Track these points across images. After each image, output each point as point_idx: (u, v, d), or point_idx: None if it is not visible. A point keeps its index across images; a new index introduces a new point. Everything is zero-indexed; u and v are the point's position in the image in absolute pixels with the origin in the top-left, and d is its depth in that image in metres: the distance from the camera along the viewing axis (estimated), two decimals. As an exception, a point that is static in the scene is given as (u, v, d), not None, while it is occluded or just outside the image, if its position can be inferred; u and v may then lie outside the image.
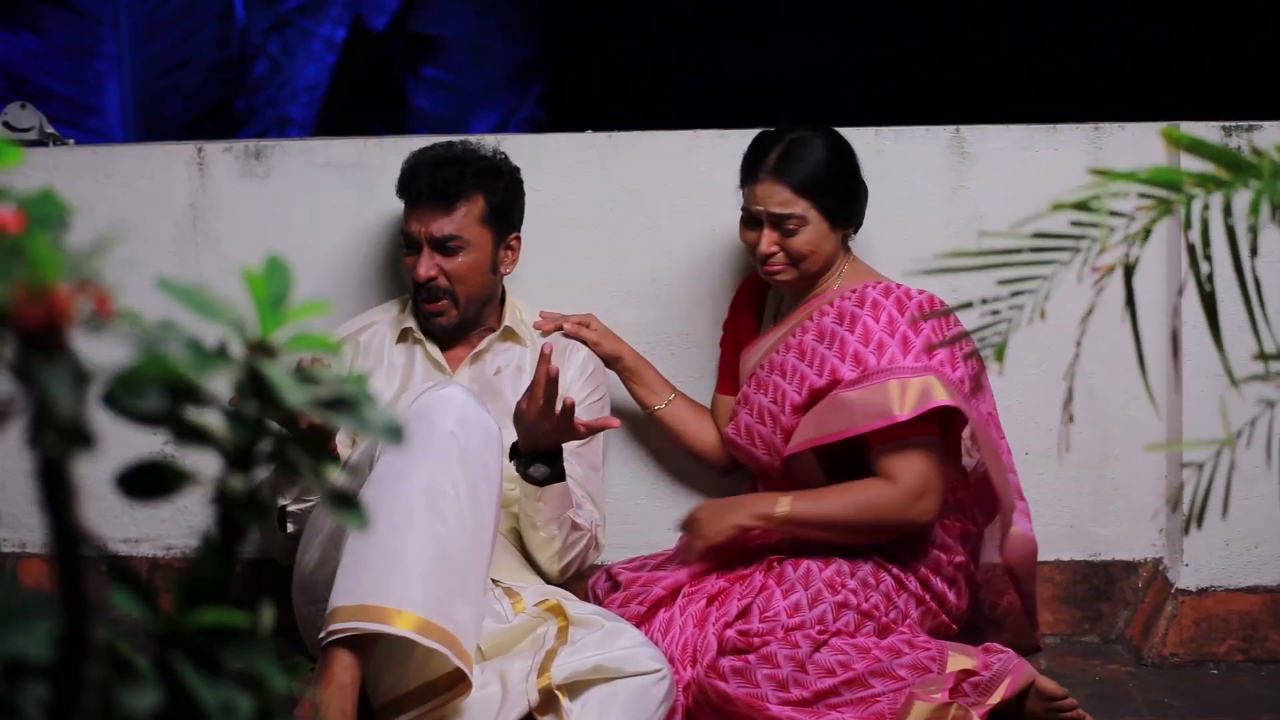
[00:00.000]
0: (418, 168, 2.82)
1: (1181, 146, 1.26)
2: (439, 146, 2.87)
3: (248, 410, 0.83)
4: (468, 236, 2.78)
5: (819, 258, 2.70)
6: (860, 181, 2.75)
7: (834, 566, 2.62)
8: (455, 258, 2.78)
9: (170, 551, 3.16)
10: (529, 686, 2.40)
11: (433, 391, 2.46)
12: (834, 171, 2.69)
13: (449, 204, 2.77)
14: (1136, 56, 7.27)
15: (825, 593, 2.59)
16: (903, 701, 2.46)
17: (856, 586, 2.61)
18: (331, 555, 2.47)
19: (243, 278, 0.86)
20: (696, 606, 2.64)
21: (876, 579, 2.63)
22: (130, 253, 3.05)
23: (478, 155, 2.83)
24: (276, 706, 0.88)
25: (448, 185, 2.77)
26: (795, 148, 2.68)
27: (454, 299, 2.80)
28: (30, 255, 0.70)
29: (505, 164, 2.85)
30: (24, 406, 0.74)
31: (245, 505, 0.85)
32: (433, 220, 2.77)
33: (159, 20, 7.37)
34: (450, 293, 2.79)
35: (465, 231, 2.78)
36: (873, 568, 2.63)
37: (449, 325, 2.82)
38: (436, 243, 2.77)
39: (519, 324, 2.91)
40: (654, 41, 8.06)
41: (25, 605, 0.82)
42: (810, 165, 2.67)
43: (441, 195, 2.77)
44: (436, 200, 2.77)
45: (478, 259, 2.80)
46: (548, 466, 2.63)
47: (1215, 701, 2.78)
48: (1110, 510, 3.08)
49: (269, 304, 0.85)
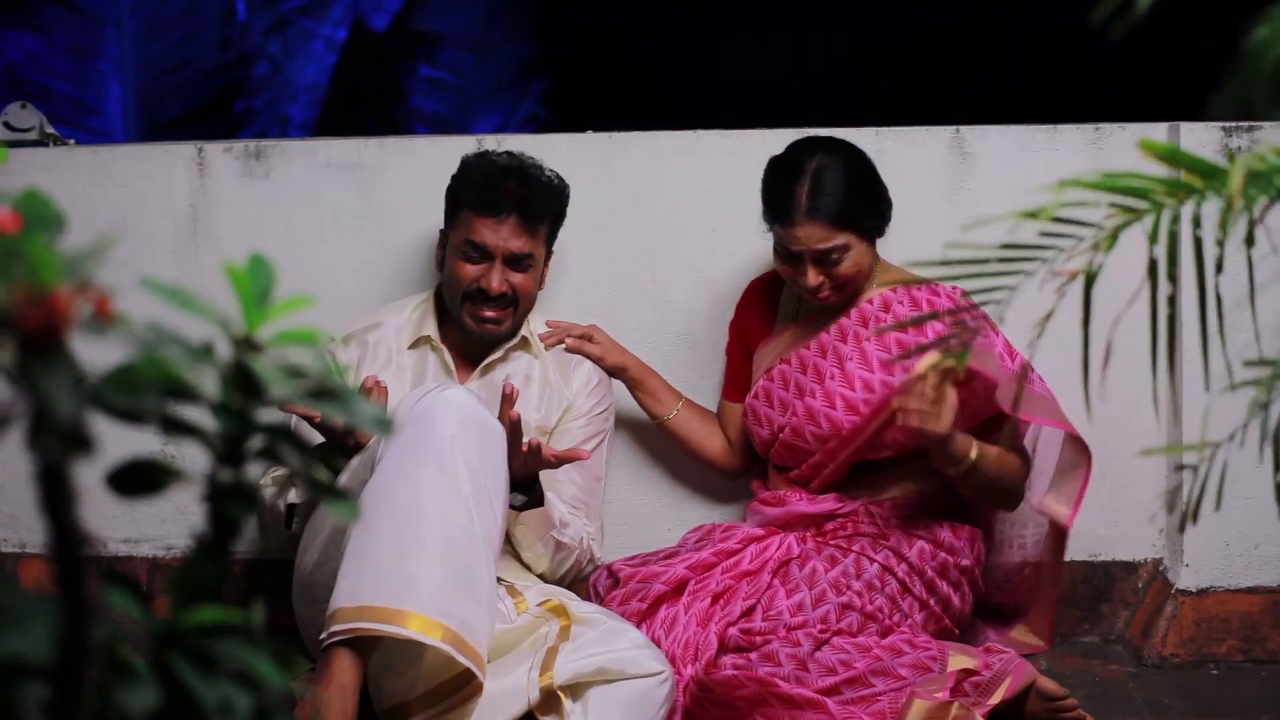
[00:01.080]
0: (494, 178, 2.78)
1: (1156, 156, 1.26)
2: (500, 156, 2.84)
3: (234, 403, 0.83)
4: (538, 255, 2.80)
5: (863, 274, 2.74)
6: (883, 189, 2.76)
7: (840, 568, 2.63)
8: (524, 274, 2.78)
9: (170, 551, 3.16)
10: (530, 684, 2.41)
11: (435, 393, 2.47)
12: (863, 193, 2.71)
13: (533, 224, 2.77)
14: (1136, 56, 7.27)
15: (830, 594, 2.60)
16: (904, 700, 2.46)
17: (861, 589, 2.62)
18: (332, 556, 2.48)
19: (226, 274, 0.86)
20: (701, 605, 2.64)
21: (882, 581, 2.63)
22: (130, 253, 3.06)
23: (548, 176, 2.83)
24: (274, 705, 0.88)
25: (535, 204, 2.78)
26: (821, 181, 2.66)
27: (515, 310, 2.80)
28: (29, 258, 0.71)
29: (566, 186, 2.87)
30: (23, 410, 0.74)
31: (235, 496, 0.86)
32: (515, 237, 2.75)
33: (161, 21, 7.37)
34: (514, 303, 2.79)
35: (537, 251, 2.79)
36: (879, 570, 2.64)
37: (500, 335, 2.82)
38: (514, 259, 2.76)
39: (534, 333, 2.91)
40: (654, 41, 8.06)
41: (24, 606, 0.82)
42: (841, 195, 2.66)
43: (529, 215, 2.77)
44: (523, 218, 2.76)
45: (537, 275, 2.82)
46: (524, 495, 2.65)
47: (1215, 702, 2.78)
48: (1110, 510, 3.08)
49: (253, 300, 0.85)
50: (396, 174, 3.09)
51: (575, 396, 2.86)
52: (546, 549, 2.73)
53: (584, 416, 2.86)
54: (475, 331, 2.80)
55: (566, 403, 2.85)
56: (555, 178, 2.84)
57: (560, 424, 2.84)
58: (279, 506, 2.72)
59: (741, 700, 2.47)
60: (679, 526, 3.00)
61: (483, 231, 2.75)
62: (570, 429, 2.84)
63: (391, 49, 8.16)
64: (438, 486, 2.38)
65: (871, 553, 2.66)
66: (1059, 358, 1.53)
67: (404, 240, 3.10)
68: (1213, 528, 2.92)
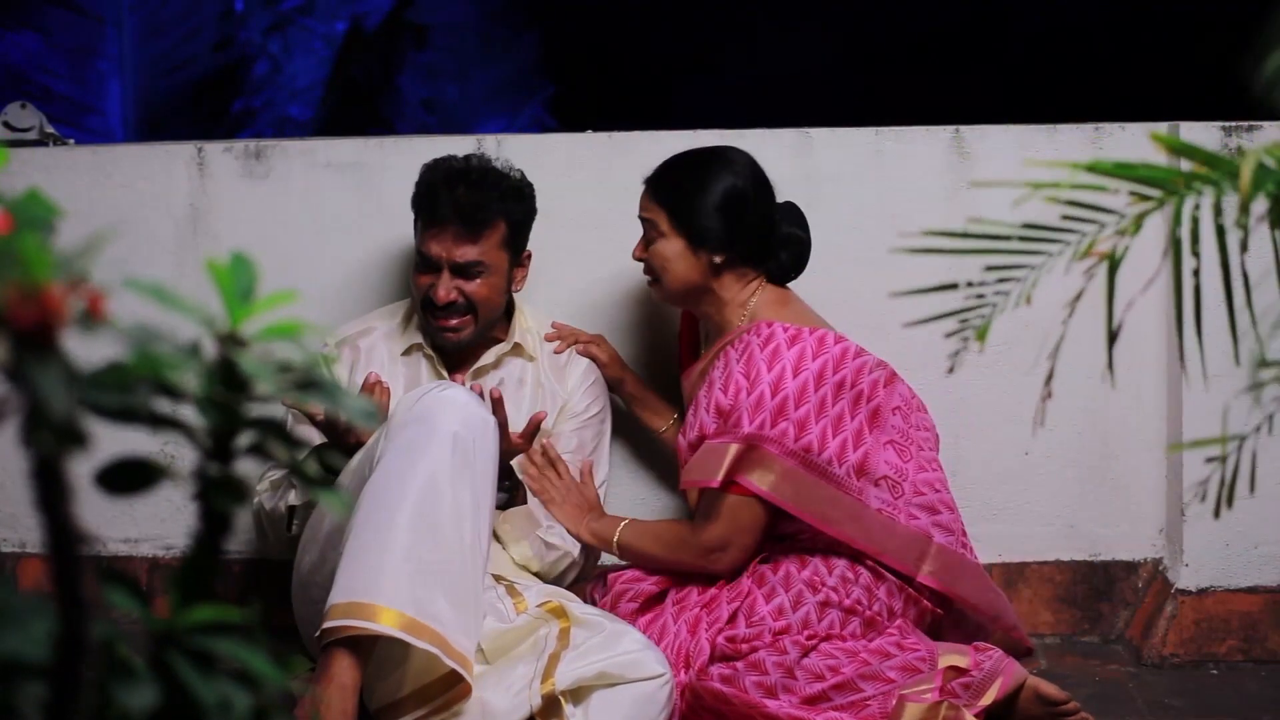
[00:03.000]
0: (436, 186, 2.73)
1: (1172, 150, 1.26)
2: (455, 161, 2.78)
3: (219, 398, 0.84)
4: (489, 261, 2.73)
5: (676, 277, 2.72)
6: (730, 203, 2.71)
7: (810, 567, 2.61)
8: (475, 281, 2.73)
9: (170, 551, 3.16)
10: (532, 692, 2.40)
11: (435, 393, 2.47)
12: (694, 187, 2.74)
13: (475, 231, 2.70)
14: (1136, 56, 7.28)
15: (806, 593, 2.59)
16: (893, 704, 2.45)
17: (836, 584, 2.60)
18: (329, 556, 2.48)
19: (208, 271, 0.87)
20: (690, 613, 2.64)
21: (854, 573, 2.61)
22: (130, 252, 3.06)
23: (501, 177, 2.75)
24: (273, 704, 0.88)
25: (475, 211, 2.70)
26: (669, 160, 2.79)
27: (475, 317, 2.76)
28: (21, 256, 0.71)
29: (526, 186, 2.80)
30: (17, 406, 0.74)
31: (224, 491, 0.86)
32: (456, 246, 2.70)
33: (161, 21, 7.39)
34: (471, 310, 2.75)
35: (487, 257, 2.72)
36: (848, 563, 2.62)
37: (461, 342, 2.79)
38: (459, 268, 2.71)
39: (525, 335, 2.88)
40: (654, 41, 8.07)
41: (23, 606, 0.82)
42: (669, 171, 2.78)
43: (468, 221, 2.70)
44: (462, 226, 2.70)
45: (496, 281, 2.76)
46: (505, 493, 2.65)
47: (1215, 701, 2.78)
48: (1110, 510, 3.08)
49: (236, 296, 0.86)
50: (396, 174, 3.09)
51: (570, 395, 2.85)
52: (534, 548, 2.74)
53: (580, 416, 2.86)
54: (438, 340, 2.79)
55: (561, 402, 2.85)
56: (514, 180, 2.77)
57: (557, 424, 2.84)
58: (280, 509, 2.72)
59: (731, 714, 2.48)
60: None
61: (428, 241, 2.73)
62: (566, 430, 2.84)
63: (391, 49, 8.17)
64: (430, 485, 2.39)
65: (837, 546, 2.65)
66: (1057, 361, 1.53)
67: (404, 240, 3.09)
68: (1213, 527, 2.92)
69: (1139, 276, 1.56)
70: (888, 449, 2.64)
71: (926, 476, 2.67)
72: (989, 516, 3.06)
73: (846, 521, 2.58)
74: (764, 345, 2.62)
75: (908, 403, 2.71)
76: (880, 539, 2.59)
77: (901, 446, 2.66)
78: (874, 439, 2.63)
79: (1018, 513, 3.09)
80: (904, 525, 2.61)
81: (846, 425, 2.61)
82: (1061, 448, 3.08)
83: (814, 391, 2.59)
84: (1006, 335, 3.03)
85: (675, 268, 2.71)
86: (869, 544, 2.59)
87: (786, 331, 2.63)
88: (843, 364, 2.63)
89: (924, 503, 2.64)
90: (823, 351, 2.63)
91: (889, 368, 2.70)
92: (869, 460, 2.62)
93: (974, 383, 3.06)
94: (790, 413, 2.58)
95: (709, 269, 2.70)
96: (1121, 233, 1.28)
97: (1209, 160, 1.24)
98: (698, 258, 2.69)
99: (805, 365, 2.60)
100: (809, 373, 2.60)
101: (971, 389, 3.05)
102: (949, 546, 2.63)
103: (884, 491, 2.62)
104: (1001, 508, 3.09)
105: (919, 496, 2.64)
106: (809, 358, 2.61)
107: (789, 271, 2.77)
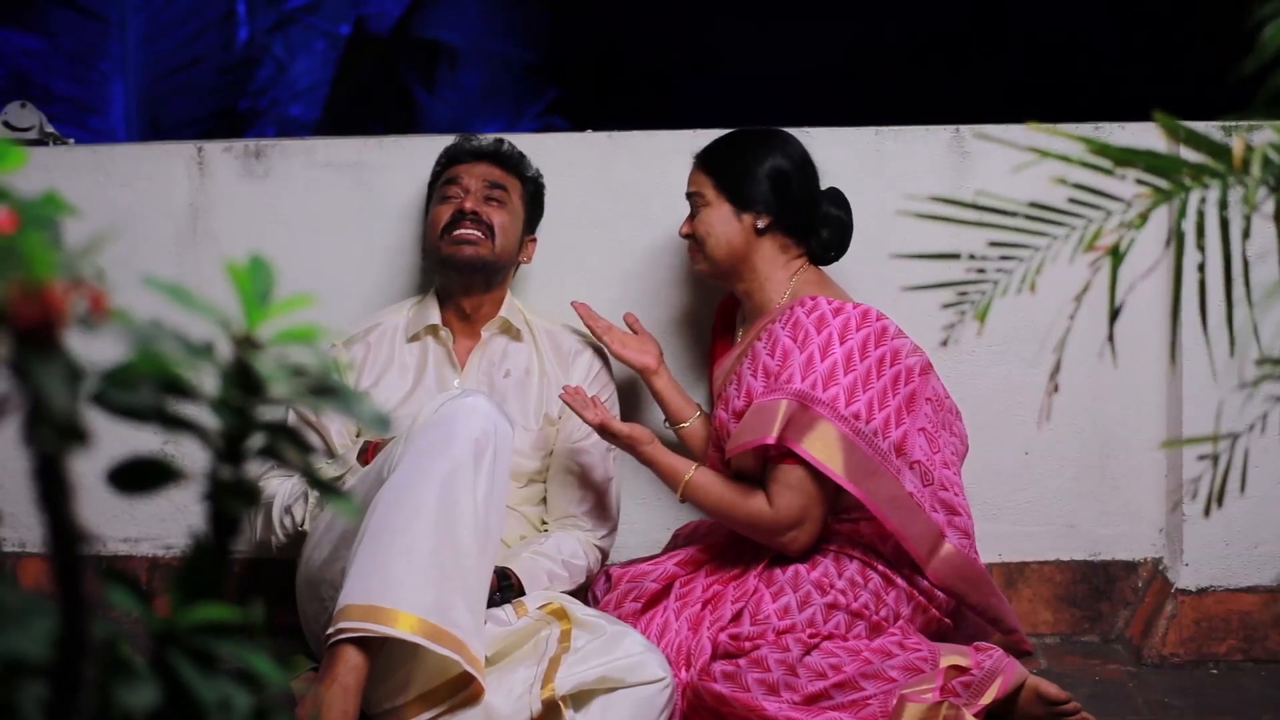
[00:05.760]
0: (462, 145, 2.95)
1: (1179, 138, 1.26)
2: (479, 136, 2.99)
3: (234, 400, 0.84)
4: (512, 197, 2.89)
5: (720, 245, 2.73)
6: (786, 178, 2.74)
7: (821, 568, 2.61)
8: (500, 209, 2.86)
9: (170, 551, 3.16)
10: (532, 697, 2.39)
11: (458, 399, 2.47)
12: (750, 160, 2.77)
13: (509, 169, 2.91)
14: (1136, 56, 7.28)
15: (814, 594, 2.58)
16: (894, 704, 2.45)
17: (845, 586, 2.60)
18: (341, 554, 2.48)
19: (227, 273, 0.87)
20: (692, 610, 2.63)
21: (864, 577, 2.61)
22: (130, 252, 3.06)
23: (522, 155, 2.97)
24: (274, 704, 0.88)
25: (509, 154, 2.93)
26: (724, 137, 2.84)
27: (491, 243, 2.83)
28: (24, 254, 0.71)
29: (539, 176, 2.99)
30: (20, 404, 0.74)
31: (235, 494, 0.86)
32: (490, 172, 2.89)
33: (165, 21, 7.38)
34: (490, 234, 2.83)
35: (511, 190, 2.90)
36: (859, 566, 2.62)
37: (476, 259, 2.82)
38: (489, 186, 2.87)
39: (515, 314, 2.90)
40: (654, 41, 8.07)
41: (23, 605, 0.82)
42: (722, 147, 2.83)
43: (502, 159, 2.92)
44: (497, 161, 2.91)
45: (514, 225, 2.89)
46: (499, 593, 2.57)
47: (1215, 701, 2.78)
48: (1110, 510, 3.08)
49: (254, 299, 0.86)
50: (396, 174, 3.09)
51: (578, 385, 2.86)
52: (555, 586, 2.70)
53: None
54: (456, 259, 2.81)
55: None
56: (532, 165, 2.97)
57: (564, 415, 2.85)
58: (295, 512, 2.71)
59: (730, 716, 2.47)
60: (678, 526, 3.00)
61: (458, 170, 2.90)
62: (574, 423, 2.84)
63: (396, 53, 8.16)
64: (450, 490, 2.38)
65: (850, 550, 2.64)
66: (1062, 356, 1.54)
67: (404, 240, 3.10)
68: (1213, 527, 2.92)
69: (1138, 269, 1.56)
70: (920, 435, 2.64)
71: (949, 475, 2.67)
72: (989, 516, 3.05)
73: (884, 500, 2.57)
74: (809, 314, 2.62)
75: (940, 400, 2.70)
76: (908, 522, 2.58)
77: (931, 436, 2.65)
78: (910, 422, 2.63)
79: (1018, 512, 3.09)
80: (927, 514, 2.61)
81: (890, 401, 2.60)
82: (1061, 447, 3.08)
83: (859, 361, 2.58)
84: (1006, 333, 3.03)
85: (720, 231, 2.73)
86: (900, 526, 2.57)
87: (830, 304, 2.63)
88: (883, 340, 2.62)
89: (946, 500, 2.64)
90: (865, 324, 2.62)
91: (925, 356, 2.69)
92: (906, 441, 2.61)
93: (974, 383, 3.06)
94: (840, 378, 2.56)
95: (753, 232, 2.72)
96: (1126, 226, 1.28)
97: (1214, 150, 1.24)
98: (741, 221, 2.72)
99: (850, 335, 2.60)
100: (854, 342, 2.59)
101: (971, 389, 3.05)
102: (961, 550, 2.63)
103: (916, 476, 2.62)
104: (1001, 507, 3.09)
105: (944, 491, 2.64)
106: (853, 329, 2.61)
107: (829, 251, 2.79)
